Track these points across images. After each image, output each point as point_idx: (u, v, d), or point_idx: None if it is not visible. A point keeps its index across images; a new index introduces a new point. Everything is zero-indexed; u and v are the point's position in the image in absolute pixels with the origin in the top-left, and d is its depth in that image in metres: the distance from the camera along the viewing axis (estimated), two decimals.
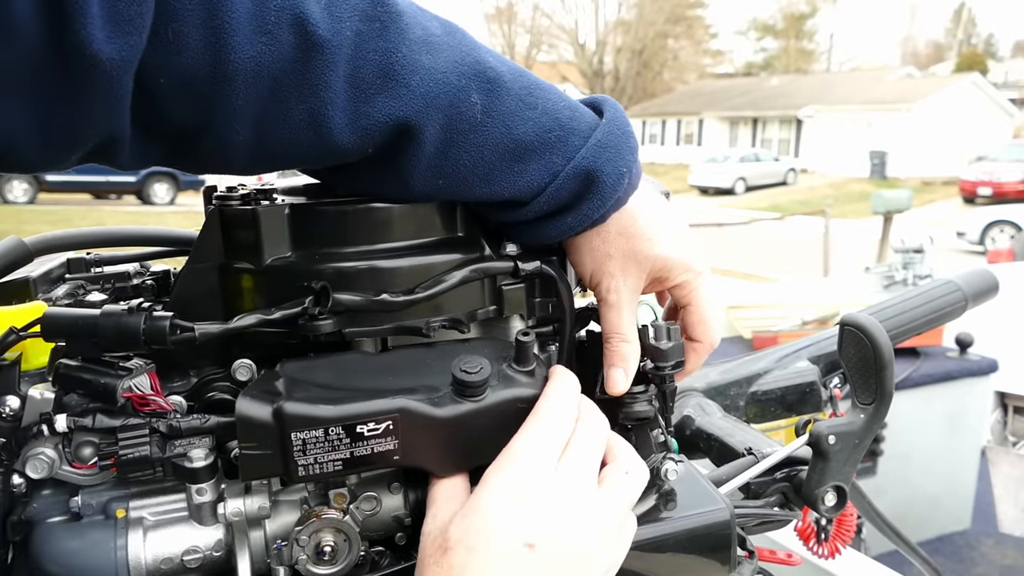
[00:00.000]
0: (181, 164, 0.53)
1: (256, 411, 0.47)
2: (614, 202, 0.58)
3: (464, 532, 0.47)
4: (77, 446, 0.53)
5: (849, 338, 0.69)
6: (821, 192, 20.73)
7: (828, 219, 8.48)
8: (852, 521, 0.76)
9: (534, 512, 0.48)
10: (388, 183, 0.55)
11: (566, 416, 0.52)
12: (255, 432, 0.47)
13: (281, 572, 0.53)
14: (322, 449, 0.47)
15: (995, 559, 2.91)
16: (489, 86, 0.53)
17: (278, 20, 0.46)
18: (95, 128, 0.45)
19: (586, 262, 0.61)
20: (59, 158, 0.47)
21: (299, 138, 0.50)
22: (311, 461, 0.47)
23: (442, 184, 0.54)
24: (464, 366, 0.50)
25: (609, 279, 0.60)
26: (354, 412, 0.48)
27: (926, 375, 2.90)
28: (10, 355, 0.57)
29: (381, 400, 0.48)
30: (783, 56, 50.54)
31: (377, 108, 0.50)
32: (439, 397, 0.50)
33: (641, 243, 0.60)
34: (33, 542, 0.53)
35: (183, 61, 0.45)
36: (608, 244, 0.60)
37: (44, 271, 0.81)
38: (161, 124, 0.48)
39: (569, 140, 0.56)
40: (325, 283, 0.53)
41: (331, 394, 0.49)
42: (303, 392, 0.49)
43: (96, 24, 0.41)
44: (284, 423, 0.47)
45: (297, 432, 0.47)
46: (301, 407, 0.47)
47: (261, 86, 0.47)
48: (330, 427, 0.47)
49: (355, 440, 0.48)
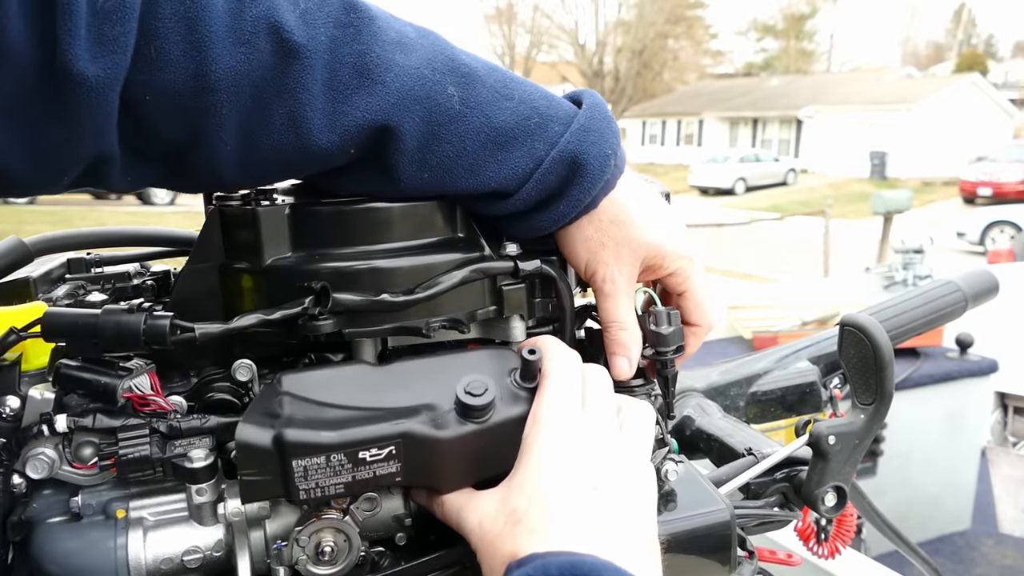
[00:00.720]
0: (174, 184, 0.55)
1: (257, 437, 0.46)
2: (603, 185, 0.58)
3: (529, 498, 0.47)
4: (77, 446, 0.53)
5: (849, 338, 0.69)
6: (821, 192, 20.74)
7: (828, 219, 8.49)
8: (852, 521, 0.76)
9: (585, 458, 0.49)
10: (376, 182, 0.56)
11: (574, 371, 0.54)
12: (255, 459, 0.46)
13: (281, 572, 0.53)
14: (324, 474, 0.47)
15: (995, 559, 2.90)
16: (464, 79, 0.55)
17: (255, 30, 0.48)
18: (85, 148, 0.47)
19: (580, 252, 0.61)
20: (51, 180, 0.49)
21: (282, 143, 0.51)
22: (312, 485, 0.47)
23: (428, 178, 0.55)
24: (469, 388, 0.49)
25: (604, 268, 0.61)
26: (356, 438, 0.47)
27: (926, 375, 2.90)
28: (10, 355, 0.57)
29: (383, 424, 0.48)
30: (783, 56, 50.54)
31: (355, 106, 0.51)
32: (442, 418, 0.49)
33: (633, 230, 0.60)
34: (33, 542, 0.53)
35: (166, 77, 0.46)
36: (601, 233, 0.60)
37: (44, 271, 0.81)
38: (149, 142, 0.50)
39: (549, 127, 0.57)
40: (325, 283, 0.53)
41: (332, 416, 0.48)
42: (304, 414, 0.48)
43: (82, 45, 0.43)
44: (284, 451, 0.46)
45: (298, 460, 0.46)
46: (302, 434, 0.46)
47: (243, 95, 0.48)
48: (332, 454, 0.46)
49: (357, 465, 0.47)
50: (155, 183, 0.54)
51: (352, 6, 0.52)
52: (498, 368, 0.53)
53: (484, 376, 0.50)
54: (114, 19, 0.44)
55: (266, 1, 0.48)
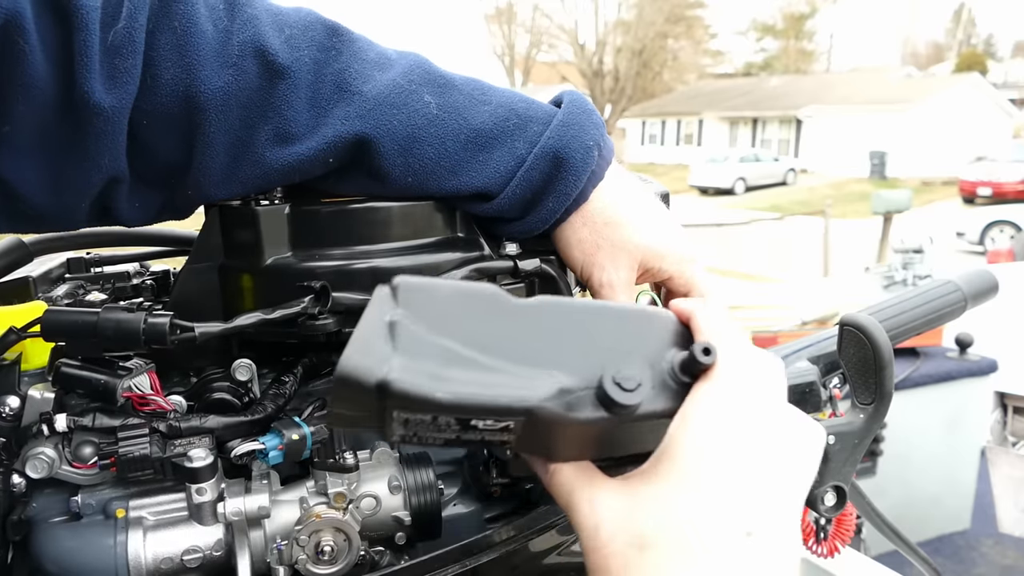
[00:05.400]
0: (172, 210, 0.57)
1: (359, 373, 0.37)
2: (589, 177, 0.59)
3: (663, 525, 0.39)
4: (77, 446, 0.53)
5: (849, 338, 0.69)
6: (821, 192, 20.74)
7: (828, 219, 8.49)
8: (851, 521, 0.76)
9: (743, 492, 0.40)
10: (364, 188, 0.58)
11: (749, 376, 0.43)
12: (353, 395, 0.38)
13: (281, 572, 0.53)
14: (427, 429, 0.40)
15: (995, 559, 2.90)
16: (441, 88, 0.57)
17: (241, 53, 0.52)
18: (100, 173, 0.51)
19: (575, 255, 0.62)
20: (71, 208, 0.53)
21: (267, 157, 0.54)
22: (411, 434, 0.40)
23: (412, 182, 0.57)
24: (620, 380, 0.40)
25: (600, 271, 0.61)
26: (473, 405, 0.38)
27: (926, 375, 2.90)
28: (10, 355, 0.57)
29: (508, 394, 0.39)
30: (783, 56, 50.55)
31: (335, 116, 0.54)
32: (577, 398, 0.40)
33: (628, 231, 0.60)
34: (33, 542, 0.53)
35: (160, 101, 0.50)
36: (596, 235, 0.60)
37: (44, 271, 0.81)
38: (150, 165, 0.53)
39: (528, 127, 0.58)
40: (325, 283, 0.53)
41: (449, 365, 0.39)
42: (418, 357, 0.39)
43: (97, 79, 0.48)
44: (388, 399, 0.38)
45: (401, 412, 0.39)
46: (412, 386, 0.37)
47: (231, 114, 0.52)
48: (441, 416, 0.39)
49: (466, 430, 0.40)
50: (158, 211, 0.57)
51: (335, 30, 0.56)
52: (655, 345, 0.44)
53: (638, 361, 0.42)
54: (124, 53, 0.48)
55: (253, 27, 0.52)
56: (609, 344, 0.42)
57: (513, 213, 0.60)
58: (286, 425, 0.55)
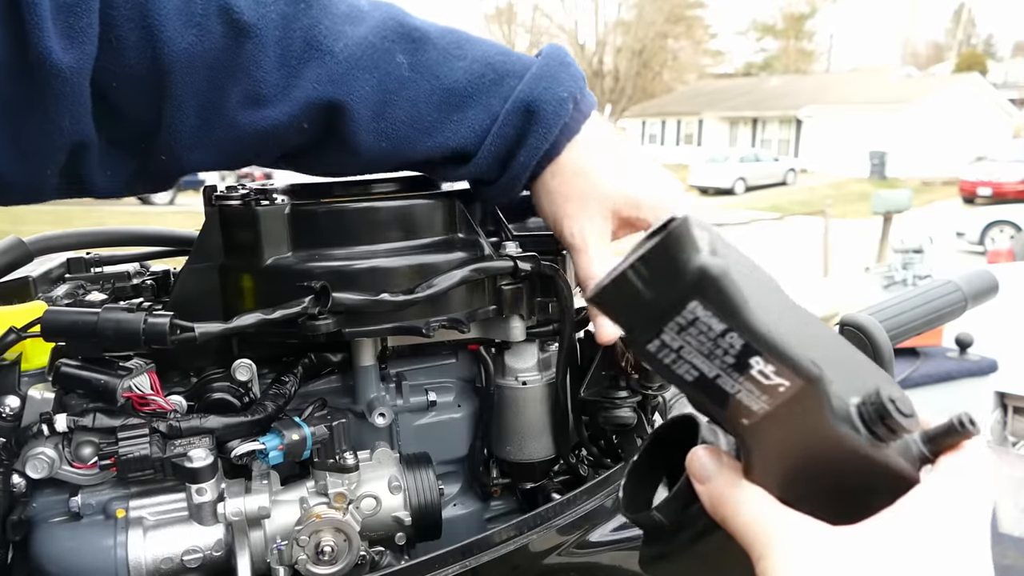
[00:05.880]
0: (146, 178, 0.56)
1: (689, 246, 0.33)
2: (561, 129, 0.57)
3: None
4: (77, 446, 0.53)
5: (849, 338, 0.69)
6: (821, 192, 20.72)
7: (828, 219, 8.49)
8: None
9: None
10: (338, 157, 0.57)
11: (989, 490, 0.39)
12: (663, 270, 0.33)
13: (281, 572, 0.53)
14: (697, 347, 0.34)
15: (995, 559, 2.89)
16: (414, 45, 0.56)
17: (205, 12, 0.50)
18: (63, 136, 0.50)
19: (544, 206, 0.60)
20: (36, 175, 0.51)
21: (239, 121, 0.53)
22: (674, 347, 0.34)
23: (386, 147, 0.56)
24: (898, 401, 0.36)
25: (571, 221, 0.59)
26: (776, 337, 0.34)
27: (926, 375, 2.90)
28: (10, 355, 0.57)
29: (807, 355, 0.35)
30: (783, 56, 50.56)
31: (306, 79, 0.53)
32: (841, 405, 0.36)
33: (599, 179, 0.59)
34: (33, 542, 0.53)
35: (127, 62, 0.50)
36: (566, 185, 0.59)
37: (44, 271, 0.81)
38: (121, 128, 0.52)
39: (504, 82, 0.57)
40: (325, 283, 0.53)
41: (769, 294, 0.36)
42: (740, 270, 0.35)
43: (52, 38, 0.47)
44: (703, 286, 0.33)
45: (698, 302, 0.33)
46: (735, 285, 0.33)
47: (198, 75, 0.51)
48: (733, 332, 0.34)
49: (738, 367, 0.34)
50: (130, 179, 0.55)
51: None
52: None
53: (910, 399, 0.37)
54: (77, 12, 0.47)
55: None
56: (869, 372, 0.39)
57: (492, 174, 0.58)
58: (286, 425, 0.55)
